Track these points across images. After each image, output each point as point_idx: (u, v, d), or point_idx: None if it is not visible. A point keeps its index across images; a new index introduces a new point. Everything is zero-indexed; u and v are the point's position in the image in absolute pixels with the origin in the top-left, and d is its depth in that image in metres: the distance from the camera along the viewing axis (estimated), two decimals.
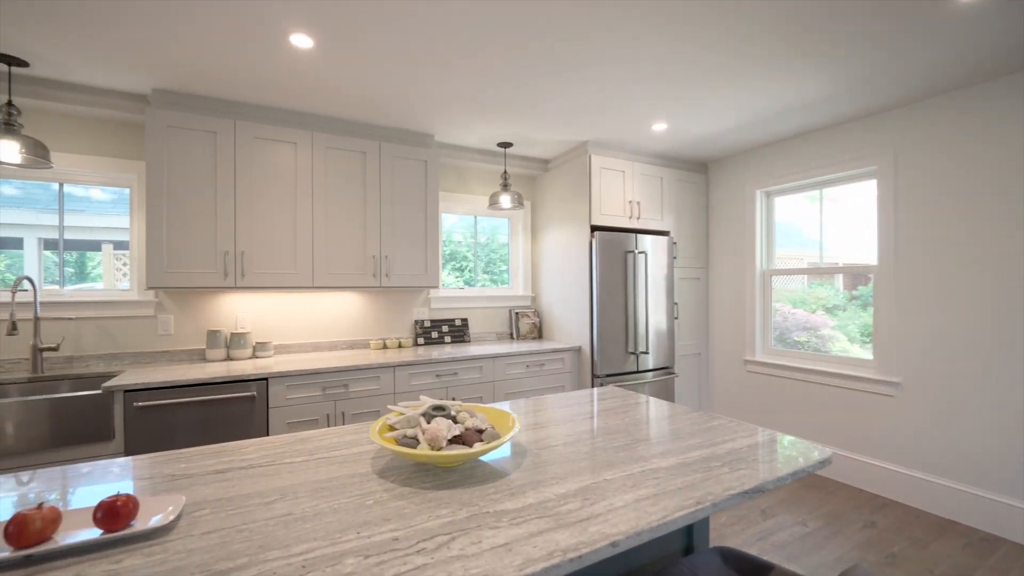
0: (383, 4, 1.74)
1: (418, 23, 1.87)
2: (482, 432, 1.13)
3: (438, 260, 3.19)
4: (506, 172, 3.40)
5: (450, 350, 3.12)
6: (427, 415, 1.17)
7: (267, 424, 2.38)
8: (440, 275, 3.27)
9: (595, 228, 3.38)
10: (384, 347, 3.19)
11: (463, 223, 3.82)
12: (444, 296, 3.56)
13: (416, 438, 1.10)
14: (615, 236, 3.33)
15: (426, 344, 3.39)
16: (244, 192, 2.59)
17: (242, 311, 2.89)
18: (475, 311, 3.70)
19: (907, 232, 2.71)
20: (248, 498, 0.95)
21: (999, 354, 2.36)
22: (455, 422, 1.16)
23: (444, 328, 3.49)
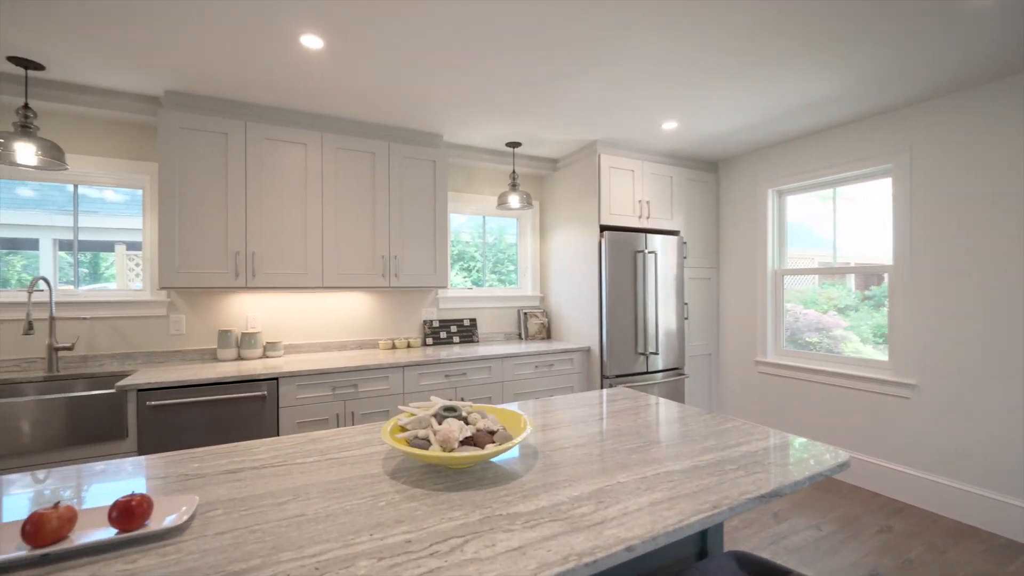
0: (393, 4, 1.74)
1: (428, 23, 1.86)
2: (494, 433, 1.12)
3: (447, 260, 3.18)
4: (515, 172, 3.39)
5: (459, 350, 3.12)
6: (438, 416, 1.16)
7: (277, 424, 2.39)
8: (449, 275, 3.27)
9: (604, 228, 3.36)
10: (393, 347, 3.20)
11: (471, 223, 3.81)
12: (453, 296, 3.56)
13: (428, 439, 1.09)
14: (624, 236, 3.31)
15: (435, 344, 3.39)
16: (255, 193, 2.60)
17: (252, 311, 2.91)
18: (483, 311, 3.70)
19: (923, 231, 2.66)
20: (261, 498, 0.95)
21: (1018, 355, 2.31)
22: (466, 423, 1.15)
23: (453, 328, 3.49)
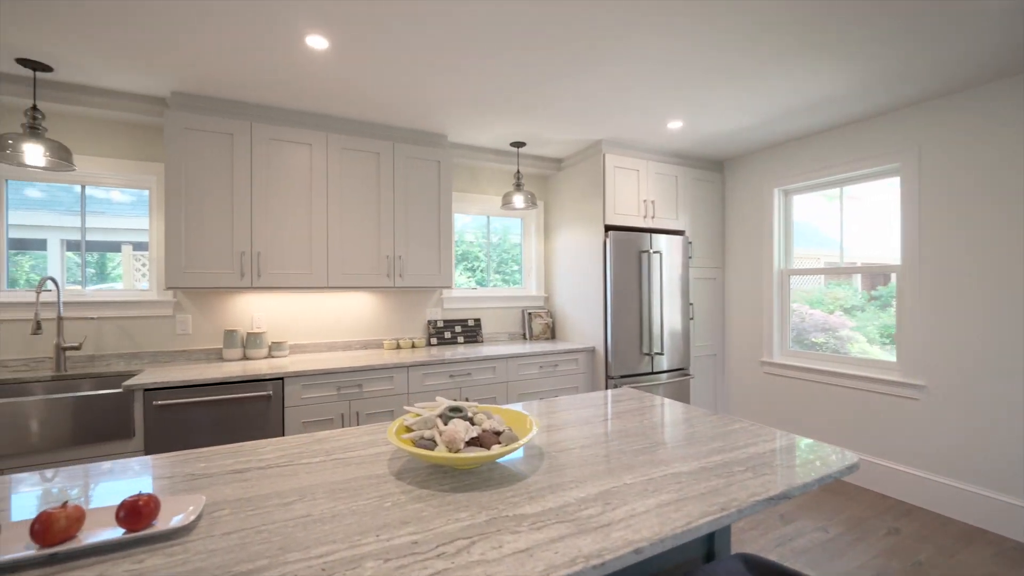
0: (398, 5, 1.74)
1: (433, 24, 1.86)
2: (499, 434, 1.11)
3: (451, 260, 3.18)
4: (519, 172, 3.39)
5: (463, 350, 3.12)
6: (444, 416, 1.16)
7: (283, 423, 2.39)
8: (453, 275, 3.27)
9: (609, 228, 3.35)
10: (397, 347, 3.20)
11: (475, 223, 3.81)
12: (457, 296, 3.56)
13: (433, 440, 1.09)
14: (629, 236, 3.30)
15: (439, 344, 3.39)
16: (260, 193, 2.61)
17: (258, 311, 2.92)
18: (488, 311, 3.69)
19: (932, 231, 2.64)
20: (267, 498, 0.95)
21: None
22: (472, 424, 1.15)
23: (457, 328, 3.49)
